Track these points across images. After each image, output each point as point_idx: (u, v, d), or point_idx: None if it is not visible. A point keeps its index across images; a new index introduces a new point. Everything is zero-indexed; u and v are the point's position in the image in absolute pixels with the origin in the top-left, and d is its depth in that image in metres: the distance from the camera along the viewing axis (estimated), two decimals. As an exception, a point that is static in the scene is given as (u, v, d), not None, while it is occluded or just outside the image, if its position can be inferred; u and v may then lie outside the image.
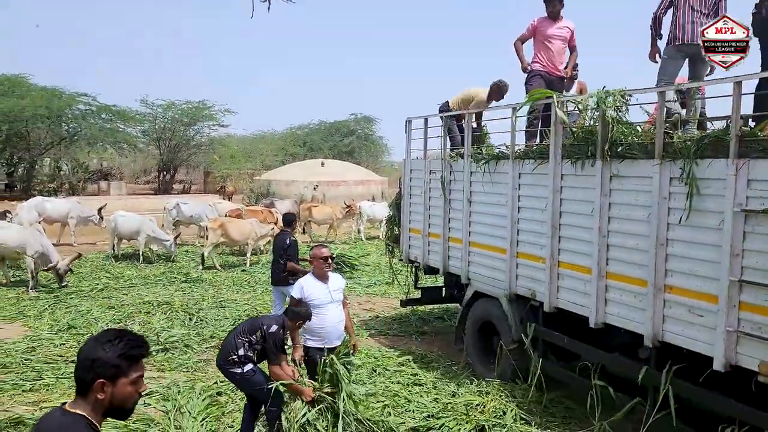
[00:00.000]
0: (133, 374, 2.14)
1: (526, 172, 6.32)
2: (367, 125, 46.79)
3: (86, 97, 32.67)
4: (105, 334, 2.18)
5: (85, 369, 2.11)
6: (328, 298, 5.44)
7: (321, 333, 5.42)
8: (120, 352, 2.11)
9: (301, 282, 5.57)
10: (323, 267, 5.49)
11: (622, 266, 5.21)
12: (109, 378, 2.09)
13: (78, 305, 10.15)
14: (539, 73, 7.43)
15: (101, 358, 2.10)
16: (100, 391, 2.09)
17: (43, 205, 16.66)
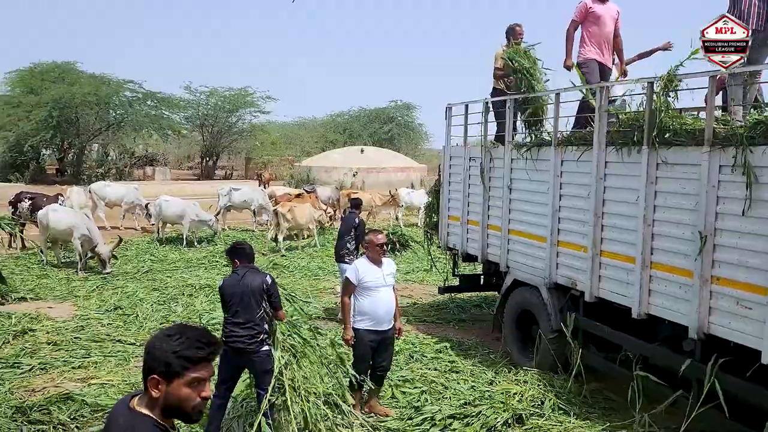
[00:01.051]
0: (189, 375, 1.94)
1: (569, 159, 6.20)
2: (407, 112, 46.63)
3: (132, 84, 33.42)
4: (171, 329, 2.03)
5: (146, 362, 1.98)
6: (381, 282, 5.46)
7: (372, 315, 5.44)
8: (175, 350, 1.94)
9: (356, 264, 5.66)
10: (378, 253, 5.51)
11: (667, 256, 5.08)
12: (163, 375, 1.93)
13: (124, 286, 10.46)
14: (594, 59, 7.13)
15: (155, 352, 1.95)
16: (154, 388, 1.95)
17: (104, 189, 17.24)
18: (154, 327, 8.24)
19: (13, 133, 30.87)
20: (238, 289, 4.95)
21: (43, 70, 32.94)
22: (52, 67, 33.06)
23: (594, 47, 7.06)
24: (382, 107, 46.40)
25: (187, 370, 1.94)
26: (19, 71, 33.32)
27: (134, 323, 8.43)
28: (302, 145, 42.84)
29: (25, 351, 7.18)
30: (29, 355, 7.08)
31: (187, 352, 1.95)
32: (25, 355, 7.04)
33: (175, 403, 1.96)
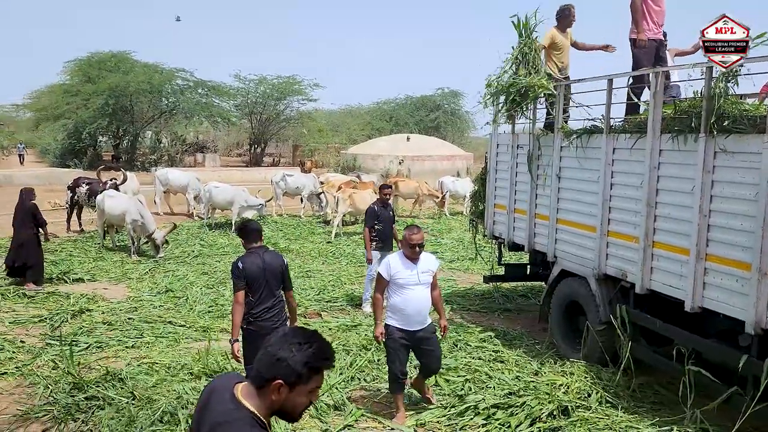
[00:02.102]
0: (312, 384, 2.01)
1: (621, 147, 6.03)
2: (454, 100, 46.22)
3: (184, 72, 34.20)
4: (296, 335, 2.04)
5: (268, 365, 1.99)
6: (414, 280, 5.14)
7: (401, 313, 5.17)
8: (306, 360, 1.97)
9: (389, 259, 5.33)
10: (412, 252, 5.15)
11: (723, 248, 4.89)
12: (288, 382, 1.97)
13: (175, 270, 10.76)
14: (652, 39, 6.86)
15: (286, 359, 1.96)
16: (276, 392, 1.98)
17: (167, 176, 17.83)
18: (203, 310, 8.46)
19: (72, 120, 32.06)
20: (262, 271, 5.04)
21: (99, 59, 34.04)
22: (108, 57, 34.11)
23: (653, 25, 6.79)
24: (429, 95, 46.15)
25: (311, 379, 2.00)
26: (78, 61, 34.54)
27: (184, 306, 8.66)
28: (348, 133, 43.07)
29: (82, 330, 7.49)
30: (86, 334, 7.38)
31: (317, 363, 2.00)
32: (82, 334, 7.34)
33: (290, 408, 2.02)
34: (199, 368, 6.16)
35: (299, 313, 8.40)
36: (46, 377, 6.03)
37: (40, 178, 23.67)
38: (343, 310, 8.74)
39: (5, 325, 7.66)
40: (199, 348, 6.87)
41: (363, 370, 6.35)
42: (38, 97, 42.15)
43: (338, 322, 8.02)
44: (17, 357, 6.61)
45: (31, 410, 5.36)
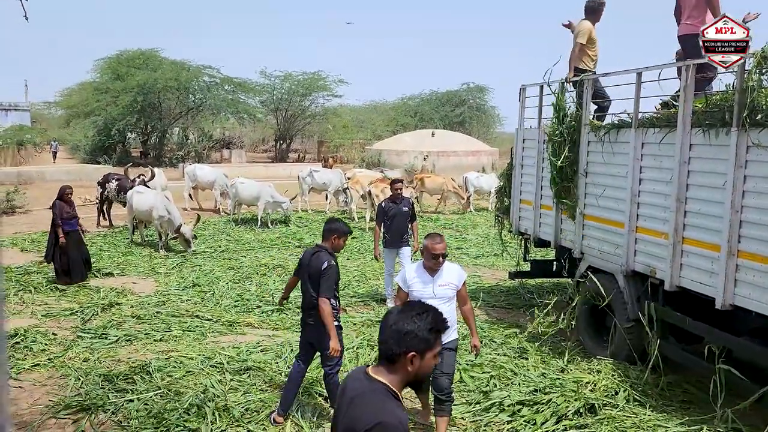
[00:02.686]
0: (437, 347, 2.19)
1: (650, 141, 5.92)
2: (480, 95, 45.90)
3: (210, 69, 34.51)
4: (411, 308, 2.23)
5: (397, 341, 2.15)
6: (429, 293, 4.67)
7: None
8: (430, 326, 2.16)
9: (406, 269, 4.96)
10: (433, 263, 4.70)
11: (756, 244, 4.78)
12: (420, 351, 2.14)
13: (202, 265, 10.89)
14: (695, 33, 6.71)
15: (413, 331, 2.14)
16: (410, 364, 2.15)
17: (195, 172, 18.07)
18: (229, 304, 8.54)
19: (102, 117, 32.59)
20: (305, 267, 5.11)
21: (128, 57, 34.53)
22: (137, 55, 34.58)
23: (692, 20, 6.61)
24: (454, 90, 45.92)
25: (436, 342, 2.19)
26: (107, 59, 35.08)
27: (211, 300, 8.77)
28: (373, 129, 43.06)
29: (111, 323, 7.63)
30: (115, 327, 7.52)
31: (438, 325, 2.19)
32: (111, 327, 7.48)
33: (423, 373, 2.20)
34: (227, 362, 6.23)
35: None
36: (77, 369, 6.16)
37: (70, 174, 24.13)
38: (367, 306, 8.76)
39: (38, 318, 7.85)
40: (226, 342, 6.96)
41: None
42: (69, 95, 42.93)
43: (363, 317, 8.05)
44: (49, 349, 6.77)
45: (63, 401, 5.47)
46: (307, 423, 5.10)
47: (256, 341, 7.00)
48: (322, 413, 5.32)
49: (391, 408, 2.11)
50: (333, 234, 5.12)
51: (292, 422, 5.13)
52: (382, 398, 2.13)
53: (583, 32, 7.40)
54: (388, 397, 2.13)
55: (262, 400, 5.42)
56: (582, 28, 7.44)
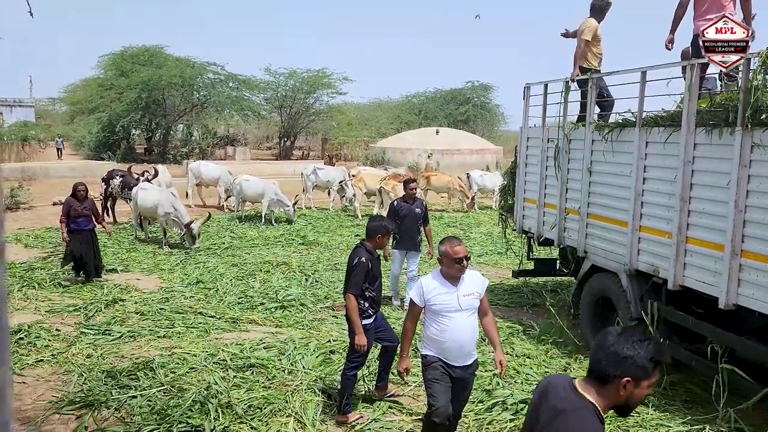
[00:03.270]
0: (654, 378, 2.16)
1: (654, 140, 5.91)
2: (484, 93, 45.85)
3: (215, 66, 34.55)
4: (633, 333, 2.20)
5: (614, 363, 2.13)
6: (454, 305, 4.15)
7: (440, 347, 4.24)
8: (651, 356, 2.13)
9: (422, 281, 4.27)
10: (455, 269, 4.15)
11: (760, 244, 4.77)
12: (636, 378, 2.12)
13: (205, 261, 10.92)
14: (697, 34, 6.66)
15: (633, 357, 2.12)
16: (623, 389, 2.13)
17: (199, 168, 18.12)
18: (233, 301, 8.56)
19: (106, 114, 32.66)
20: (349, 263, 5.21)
21: (133, 53, 34.60)
22: (141, 51, 34.65)
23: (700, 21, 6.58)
24: (459, 88, 45.86)
25: (654, 372, 2.15)
26: (112, 55, 35.15)
27: (215, 297, 8.79)
28: (377, 126, 43.04)
29: (115, 319, 7.65)
30: (119, 323, 7.54)
31: (660, 357, 2.16)
32: (115, 323, 7.51)
33: (633, 402, 2.18)
34: (230, 359, 6.25)
35: (327, 306, 8.48)
36: (80, 365, 6.19)
37: (74, 171, 24.21)
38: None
39: (42, 314, 7.88)
40: (229, 339, 6.98)
41: (390, 363, 6.36)
42: (73, 91, 43.06)
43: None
44: (53, 345, 6.80)
45: (66, 397, 5.50)
46: (309, 421, 5.11)
47: (260, 338, 7.02)
48: (326, 411, 5.33)
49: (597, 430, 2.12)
50: (377, 233, 5.20)
51: (295, 419, 5.14)
52: (592, 420, 2.13)
53: (589, 29, 7.38)
54: (596, 420, 2.14)
55: (265, 397, 5.44)
56: (587, 25, 7.42)
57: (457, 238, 4.23)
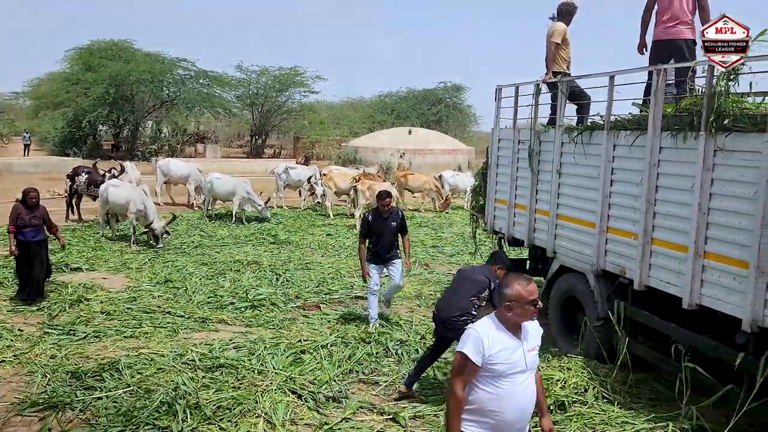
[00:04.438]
0: None
1: (621, 144, 6.02)
2: (456, 94, 46.16)
3: (185, 62, 34.11)
4: None
5: None
6: (520, 364, 3.16)
7: (496, 418, 3.14)
8: None
9: (478, 330, 3.14)
10: (528, 315, 3.18)
11: (721, 246, 4.89)
12: None
13: (174, 260, 10.77)
14: (658, 40, 6.84)
15: None
16: None
17: (168, 166, 17.84)
18: (202, 300, 8.47)
19: (72, 109, 31.99)
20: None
21: (100, 48, 33.97)
22: (109, 45, 34.03)
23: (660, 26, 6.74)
24: (431, 88, 46.11)
25: None
26: (78, 49, 34.44)
27: (183, 296, 8.67)
28: (350, 126, 43.00)
29: (80, 319, 7.50)
30: (84, 323, 7.39)
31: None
32: (80, 323, 7.36)
33: None
34: (199, 359, 6.18)
35: (298, 306, 8.44)
36: (43, 366, 6.05)
37: (38, 167, 23.66)
38: (342, 303, 8.76)
39: (3, 314, 7.68)
40: (198, 339, 6.90)
41: (361, 363, 6.38)
42: (38, 85, 42.08)
43: (337, 314, 8.05)
44: (15, 345, 6.62)
45: (29, 398, 5.37)
46: (279, 421, 5.08)
47: (229, 338, 6.95)
48: (296, 411, 5.31)
49: None
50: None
51: (265, 420, 5.11)
52: None
53: (558, 32, 7.49)
54: None
55: (235, 398, 5.39)
56: (556, 28, 7.53)
57: (523, 276, 3.33)
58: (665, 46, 6.76)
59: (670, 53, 6.68)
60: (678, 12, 6.70)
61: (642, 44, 7.12)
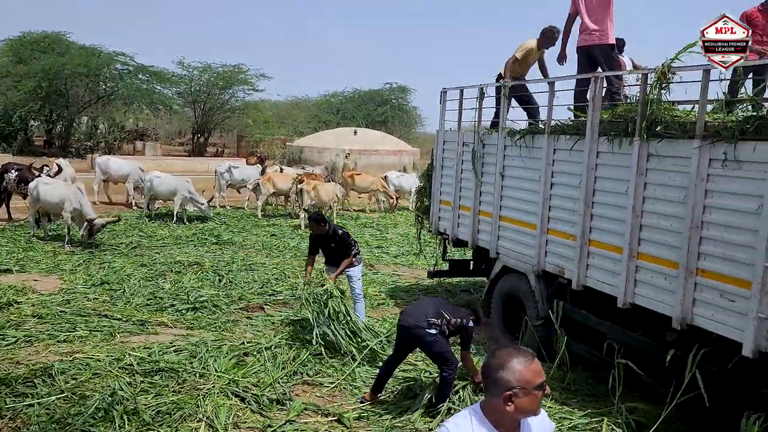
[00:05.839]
0: None
1: (561, 148, 6.21)
2: (402, 95, 46.41)
3: (124, 56, 33.00)
4: None
5: None
6: None
7: None
8: None
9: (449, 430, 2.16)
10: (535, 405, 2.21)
11: (654, 247, 5.12)
12: None
13: (111, 261, 10.42)
14: (581, 47, 7.08)
15: None
16: None
17: (108, 164, 17.17)
18: (141, 303, 8.23)
19: (1, 103, 30.45)
20: None
21: (32, 39, 32.44)
22: (41, 37, 32.56)
23: (584, 31, 6.96)
24: (377, 89, 46.19)
25: None
26: (8, 40, 32.79)
27: (121, 299, 8.40)
28: (295, 125, 42.59)
29: (10, 323, 7.15)
30: (14, 327, 7.05)
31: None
32: (9, 328, 7.02)
33: None
34: (138, 363, 6.00)
35: (241, 307, 8.31)
36: (-30, 373, 5.75)
37: (-35, 163, 22.40)
38: (286, 304, 8.68)
39: (-75, 318, 7.25)
40: (136, 342, 6.71)
41: (306, 365, 6.34)
42: (-36, 77, 39.84)
43: (281, 315, 7.97)
44: (-62, 351, 6.27)
45: (-46, 408, 5.09)
46: (221, 426, 4.99)
47: (169, 341, 6.78)
48: (238, 415, 5.23)
49: None
50: None
51: (207, 424, 5.01)
52: None
53: (522, 48, 7.67)
54: None
55: (175, 402, 5.26)
56: (524, 45, 7.69)
57: (520, 349, 2.21)
58: (587, 53, 6.98)
59: (592, 60, 6.92)
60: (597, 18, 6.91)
61: (562, 55, 7.34)
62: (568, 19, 7.24)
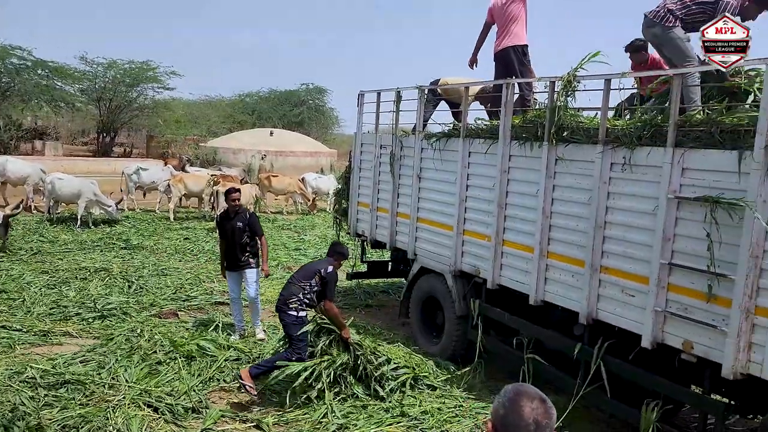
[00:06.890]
0: None
1: (476, 151, 6.41)
2: (318, 96, 46.20)
3: (20, 50, 30.96)
4: None
5: None
6: None
7: None
8: None
9: None
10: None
11: (562, 246, 5.39)
12: None
13: (9, 269, 9.75)
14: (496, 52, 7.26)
15: None
16: None
17: (5, 165, 15.92)
18: (43, 312, 7.76)
19: None
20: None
21: None
22: (-74, 28, 30.01)
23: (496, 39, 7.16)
24: (293, 89, 45.75)
25: None
26: None
27: (21, 308, 7.88)
28: (208, 125, 41.41)
29: None
30: None
31: None
32: None
33: None
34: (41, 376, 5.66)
35: (153, 314, 8.01)
36: None
37: None
38: (201, 309, 8.44)
39: None
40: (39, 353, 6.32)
41: (222, 371, 6.19)
42: None
43: (196, 321, 7.74)
44: None
45: None
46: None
47: (75, 352, 6.44)
48: (151, 426, 5.04)
49: None
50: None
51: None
52: None
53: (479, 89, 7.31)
54: None
55: (82, 416, 5.00)
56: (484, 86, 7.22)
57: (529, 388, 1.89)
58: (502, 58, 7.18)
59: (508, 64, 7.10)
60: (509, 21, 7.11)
61: (473, 59, 7.48)
62: (483, 27, 7.43)
